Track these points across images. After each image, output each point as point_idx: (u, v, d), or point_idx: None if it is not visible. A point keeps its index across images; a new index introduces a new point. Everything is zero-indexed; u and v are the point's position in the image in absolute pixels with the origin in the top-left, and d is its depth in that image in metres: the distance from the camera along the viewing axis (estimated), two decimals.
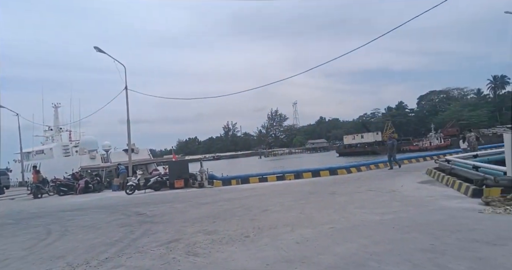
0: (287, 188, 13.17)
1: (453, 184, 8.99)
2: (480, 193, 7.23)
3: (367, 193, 9.62)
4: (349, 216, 6.83)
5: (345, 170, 16.64)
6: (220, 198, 11.96)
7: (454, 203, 7.14)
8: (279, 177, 16.89)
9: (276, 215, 7.81)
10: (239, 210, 9.10)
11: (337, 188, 11.50)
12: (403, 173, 14.24)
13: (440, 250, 4.25)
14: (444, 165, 11.72)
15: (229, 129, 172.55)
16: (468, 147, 18.48)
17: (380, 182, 11.90)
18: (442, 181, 10.06)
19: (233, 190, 14.54)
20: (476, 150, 18.44)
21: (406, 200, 8.05)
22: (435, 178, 11.12)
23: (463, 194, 7.90)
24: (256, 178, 17.06)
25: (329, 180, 14.43)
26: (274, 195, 11.47)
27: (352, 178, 14.45)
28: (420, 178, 11.95)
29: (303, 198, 9.92)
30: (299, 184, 14.26)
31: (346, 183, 12.79)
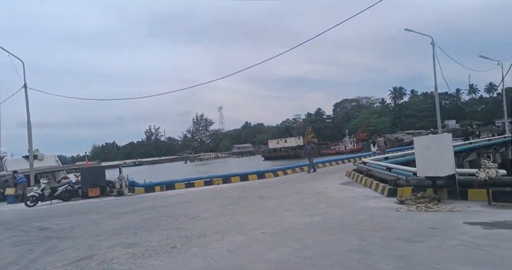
0: (215, 193, 12.82)
1: (370, 184, 9.69)
2: (394, 192, 7.86)
3: (294, 196, 9.80)
4: (279, 220, 6.79)
5: (272, 173, 16.93)
6: (142, 206, 11.06)
7: (373, 202, 7.63)
8: (206, 182, 16.41)
9: (204, 222, 7.42)
10: (164, 218, 8.47)
11: (266, 191, 11.55)
12: (326, 175, 15.02)
13: (368, 250, 4.38)
14: (361, 166, 12.64)
15: (152, 133, 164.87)
16: (378, 150, 20.44)
17: (306, 184, 12.31)
18: (361, 182, 10.79)
19: (157, 197, 13.64)
20: (385, 153, 20.51)
21: (330, 201, 8.38)
22: (354, 179, 11.91)
23: (380, 194, 8.53)
24: (182, 183, 16.31)
25: (257, 184, 14.48)
26: (202, 201, 11.03)
27: (279, 181, 14.74)
28: (341, 180, 12.71)
29: (232, 203, 9.70)
30: (228, 188, 14.01)
31: (274, 186, 12.96)
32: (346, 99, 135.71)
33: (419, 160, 6.76)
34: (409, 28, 19.84)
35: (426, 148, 6.63)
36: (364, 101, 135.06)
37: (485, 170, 6.12)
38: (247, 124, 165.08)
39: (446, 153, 6.58)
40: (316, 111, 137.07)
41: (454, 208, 6.22)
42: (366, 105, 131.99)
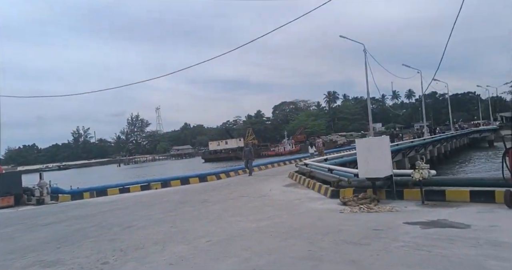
0: (154, 198, 11.99)
1: (313, 186, 9.84)
2: (337, 193, 8.03)
3: (239, 199, 9.54)
4: (225, 226, 6.46)
5: (215, 176, 16.46)
6: (68, 216, 9.87)
7: (318, 204, 7.70)
8: (143, 187, 15.34)
9: (142, 232, 6.78)
10: (94, 229, 7.59)
11: (209, 195, 11.10)
12: (269, 177, 15.02)
13: (319, 256, 4.27)
14: (303, 168, 12.86)
15: (80, 135, 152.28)
16: (316, 152, 21.19)
17: (250, 187, 12.13)
18: (304, 183, 10.93)
19: (86, 204, 12.34)
20: (323, 154, 21.35)
21: (276, 204, 8.28)
22: (297, 181, 12.05)
23: (323, 195, 8.67)
24: (116, 188, 15.02)
25: (199, 187, 13.91)
26: (139, 207, 10.21)
27: (223, 184, 14.36)
28: (285, 182, 12.78)
29: (173, 209, 9.10)
30: (168, 193, 13.22)
31: (217, 189, 12.56)
32: (284, 102, 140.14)
33: (361, 161, 6.98)
34: (344, 36, 20.98)
35: (368, 149, 6.87)
36: (301, 104, 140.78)
37: (419, 170, 6.50)
38: (186, 125, 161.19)
39: (385, 154, 6.89)
40: (256, 113, 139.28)
41: (393, 208, 6.50)
42: (303, 108, 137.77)
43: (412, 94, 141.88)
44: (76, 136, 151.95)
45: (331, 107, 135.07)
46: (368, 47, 22.02)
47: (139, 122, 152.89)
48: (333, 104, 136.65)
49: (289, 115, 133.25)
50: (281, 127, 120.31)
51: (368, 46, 21.88)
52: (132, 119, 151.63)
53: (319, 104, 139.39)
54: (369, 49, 22.01)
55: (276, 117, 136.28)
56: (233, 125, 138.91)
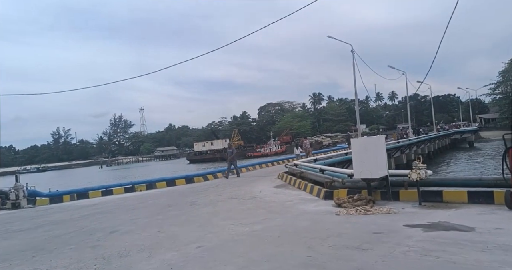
0: (139, 201, 11.47)
1: (305, 187, 9.58)
2: (331, 195, 7.78)
3: (230, 202, 9.18)
4: (217, 231, 6.10)
5: (202, 177, 15.98)
6: (46, 221, 9.28)
7: (312, 206, 7.43)
8: (127, 189, 14.74)
9: (127, 237, 6.35)
10: (75, 234, 7.10)
11: (197, 197, 10.68)
12: (258, 178, 14.70)
13: (321, 263, 3.98)
14: (293, 169, 12.59)
15: (60, 136, 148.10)
16: (302, 152, 21.02)
17: (240, 189, 11.77)
18: (295, 184, 10.66)
19: (66, 208, 11.71)
20: (311, 155, 21.24)
21: (269, 206, 7.96)
22: (287, 182, 11.77)
23: (316, 197, 8.41)
24: (98, 191, 14.38)
25: (186, 189, 13.44)
26: (123, 211, 9.70)
27: (210, 185, 13.93)
28: (274, 183, 12.48)
29: (160, 212, 8.65)
30: (153, 195, 12.70)
31: (205, 191, 12.13)
32: (270, 103, 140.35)
33: (357, 161, 6.75)
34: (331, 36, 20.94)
35: (364, 149, 6.64)
36: (287, 106, 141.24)
37: (416, 171, 6.32)
38: (171, 126, 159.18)
39: (382, 154, 6.68)
40: (242, 114, 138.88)
41: (390, 209, 6.28)
42: (289, 109, 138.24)
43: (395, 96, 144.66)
44: (56, 137, 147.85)
45: (316, 108, 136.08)
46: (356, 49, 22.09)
47: (123, 123, 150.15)
48: (318, 106, 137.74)
49: (274, 116, 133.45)
50: (267, 128, 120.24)
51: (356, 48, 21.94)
52: (115, 120, 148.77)
53: (305, 106, 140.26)
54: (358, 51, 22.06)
55: (261, 118, 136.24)
56: (219, 126, 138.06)
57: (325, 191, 8.05)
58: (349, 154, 17.83)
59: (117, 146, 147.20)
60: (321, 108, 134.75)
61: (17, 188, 12.58)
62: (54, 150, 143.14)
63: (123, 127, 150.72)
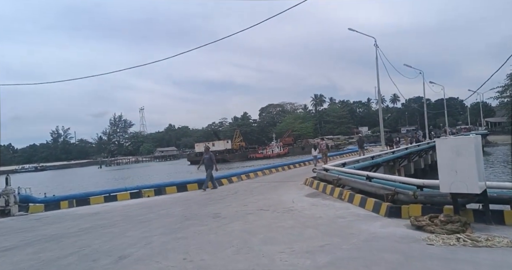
0: (149, 210, 9.84)
1: (351, 198, 7.95)
2: (397, 211, 6.16)
3: (261, 215, 7.55)
4: (265, 262, 4.48)
5: (216, 181, 14.34)
6: (38, 236, 7.65)
7: (377, 226, 5.79)
8: (133, 194, 13.10)
9: (143, 267, 4.76)
10: (73, 260, 5.49)
11: (218, 207, 9.05)
12: (280, 184, 13.05)
13: None
14: (325, 174, 10.99)
15: (59, 135, 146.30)
16: (319, 153, 19.63)
17: (265, 196, 10.16)
18: (333, 193, 9.05)
19: (64, 217, 10.08)
20: (327, 157, 19.87)
21: (316, 223, 6.34)
22: (320, 190, 10.15)
23: (372, 212, 6.78)
24: (101, 196, 12.73)
25: (201, 196, 11.77)
26: (132, 223, 8.08)
27: (227, 191, 12.28)
28: (303, 190, 10.86)
29: (179, 228, 7.03)
30: (164, 202, 11.06)
31: (224, 199, 10.50)
32: (271, 104, 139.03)
33: (446, 170, 5.12)
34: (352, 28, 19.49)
35: (456, 154, 5.03)
36: (288, 107, 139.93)
37: None
38: (171, 127, 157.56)
39: (479, 161, 5.09)
40: (243, 115, 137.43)
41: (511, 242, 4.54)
42: (290, 110, 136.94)
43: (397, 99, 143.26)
44: (55, 136, 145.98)
45: (317, 110, 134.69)
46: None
47: (122, 123, 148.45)
48: (320, 108, 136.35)
49: (276, 117, 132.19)
50: (268, 129, 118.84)
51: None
52: (115, 119, 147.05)
53: (306, 107, 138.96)
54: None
55: (262, 120, 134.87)
56: (219, 127, 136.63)
57: (388, 206, 6.41)
58: (376, 157, 16.29)
59: (117, 145, 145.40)
60: (322, 110, 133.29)
61: (7, 192, 10.92)
62: (53, 149, 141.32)
63: (123, 127, 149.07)
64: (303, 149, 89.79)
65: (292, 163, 20.11)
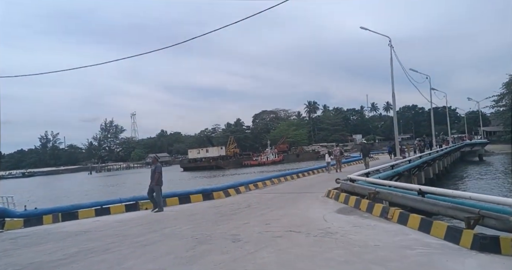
0: (149, 228, 8.18)
1: (403, 218, 6.42)
2: (493, 244, 4.57)
3: (294, 239, 5.97)
4: None
5: (222, 192, 12.65)
6: (10, 264, 6.01)
7: (474, 267, 4.27)
8: (129, 206, 11.41)
9: None
10: None
11: (234, 225, 7.43)
12: (295, 195, 11.49)
13: None
14: (353, 186, 9.51)
15: (48, 140, 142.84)
16: (333, 160, 19.41)
17: (286, 212, 8.60)
18: (372, 211, 7.54)
19: (46, 237, 8.38)
20: (341, 164, 18.88)
21: (380, 257, 4.77)
22: (350, 204, 8.66)
23: (445, 241, 5.20)
24: (91, 209, 11.02)
25: (208, 210, 10.10)
26: (131, 248, 6.44)
27: (238, 204, 10.64)
28: (328, 204, 9.33)
29: (192, 256, 5.42)
30: (167, 217, 9.38)
31: (237, 214, 8.88)
32: (265, 111, 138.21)
33: None
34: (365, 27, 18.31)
35: None
36: (282, 114, 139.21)
37: None
38: (163, 132, 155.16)
39: None
40: (236, 122, 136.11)
41: None
42: (284, 117, 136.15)
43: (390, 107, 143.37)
44: (44, 141, 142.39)
45: (311, 117, 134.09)
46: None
47: (113, 128, 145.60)
48: (314, 115, 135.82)
49: (269, 124, 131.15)
50: (262, 136, 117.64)
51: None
52: (106, 125, 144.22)
53: (300, 114, 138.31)
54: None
55: (256, 126, 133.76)
56: (212, 133, 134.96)
57: (476, 235, 4.78)
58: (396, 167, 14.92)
59: (107, 151, 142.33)
60: (316, 117, 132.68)
61: None
62: (42, 154, 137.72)
63: (114, 132, 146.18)
64: (298, 156, 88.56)
65: (301, 171, 18.63)
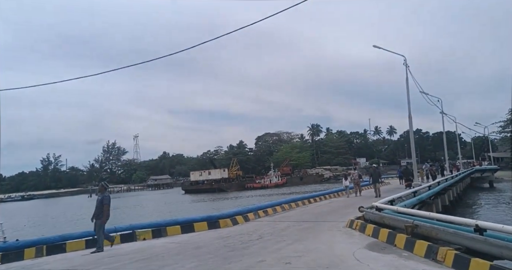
0: (147, 265, 6.77)
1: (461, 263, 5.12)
2: None
3: None
4: None
5: (230, 219, 11.25)
6: None
7: None
8: (125, 236, 10.02)
9: None
10: None
11: (248, 264, 5.99)
12: (314, 226, 10.04)
13: None
14: (381, 216, 8.23)
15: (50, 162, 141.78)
16: (350, 183, 18.81)
17: (306, 247, 7.25)
18: (413, 249, 6.25)
19: None
20: (360, 187, 18.36)
21: None
22: (382, 239, 7.37)
23: None
24: (81, 240, 9.69)
25: (215, 242, 8.63)
26: None
27: (249, 234, 9.25)
28: (353, 237, 8.01)
29: None
30: (167, 251, 7.91)
31: (250, 247, 7.52)
32: (268, 133, 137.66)
33: None
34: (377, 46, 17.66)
35: None
36: (285, 136, 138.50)
37: None
38: (165, 154, 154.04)
39: None
40: (239, 144, 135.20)
41: None
42: (287, 140, 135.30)
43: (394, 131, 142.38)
44: (46, 163, 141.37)
45: (314, 140, 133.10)
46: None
47: (115, 150, 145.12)
48: (317, 138, 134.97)
49: (272, 146, 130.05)
50: (265, 158, 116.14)
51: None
52: (108, 147, 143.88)
53: (303, 137, 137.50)
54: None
55: (259, 148, 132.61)
56: (214, 155, 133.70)
57: None
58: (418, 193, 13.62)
59: (109, 173, 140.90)
60: (319, 140, 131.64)
61: None
62: (43, 176, 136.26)
63: (116, 154, 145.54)
64: (302, 179, 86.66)
65: (313, 196, 17.28)
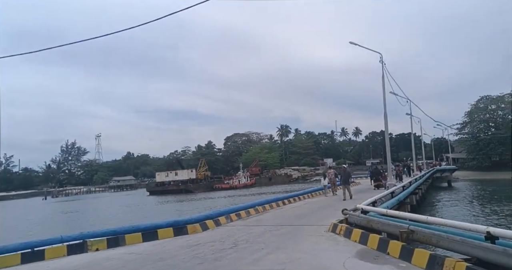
0: None
1: None
2: None
3: None
4: None
5: (199, 224, 9.87)
6: None
7: None
8: (73, 247, 8.50)
9: None
10: None
11: None
12: (293, 231, 9.02)
13: None
14: (368, 220, 7.41)
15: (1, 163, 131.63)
16: (329, 183, 18.56)
17: (289, 256, 6.19)
18: (411, 259, 5.43)
19: None
20: (336, 186, 18.40)
21: None
22: (372, 246, 6.53)
23: None
24: (16, 254, 7.94)
25: (182, 252, 7.26)
26: None
27: (221, 242, 8.05)
28: (339, 244, 7.11)
29: None
30: (124, 265, 6.52)
31: (223, 258, 6.34)
32: (237, 134, 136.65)
33: None
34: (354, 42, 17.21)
35: None
36: (254, 137, 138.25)
37: None
38: (129, 155, 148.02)
39: None
40: (207, 144, 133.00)
41: None
42: (256, 140, 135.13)
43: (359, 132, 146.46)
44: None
45: (283, 141, 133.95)
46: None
47: (75, 150, 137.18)
48: (286, 138, 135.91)
49: (241, 147, 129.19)
50: (234, 159, 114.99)
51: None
52: (67, 146, 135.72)
53: (272, 137, 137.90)
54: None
55: (228, 149, 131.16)
56: (182, 155, 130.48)
57: None
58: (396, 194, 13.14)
59: (67, 174, 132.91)
60: (288, 141, 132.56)
61: None
62: None
63: (76, 154, 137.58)
64: (270, 180, 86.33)
65: (287, 197, 16.35)
